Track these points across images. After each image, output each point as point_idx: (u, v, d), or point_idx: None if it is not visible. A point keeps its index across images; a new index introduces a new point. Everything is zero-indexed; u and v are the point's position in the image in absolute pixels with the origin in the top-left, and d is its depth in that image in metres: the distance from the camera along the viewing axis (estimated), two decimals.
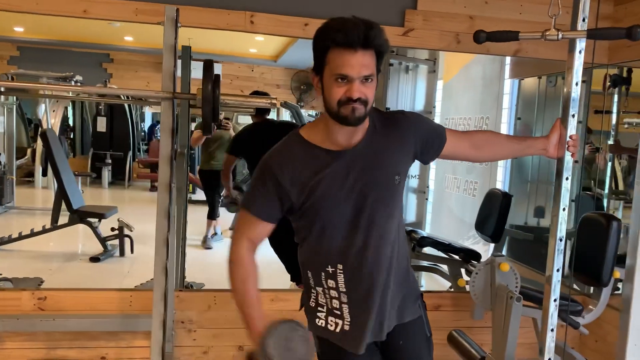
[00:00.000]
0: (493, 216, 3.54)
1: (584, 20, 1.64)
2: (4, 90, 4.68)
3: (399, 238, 1.59)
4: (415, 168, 4.51)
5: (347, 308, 1.55)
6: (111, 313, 2.73)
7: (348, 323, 1.56)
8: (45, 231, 5.20)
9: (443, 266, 3.81)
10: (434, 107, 5.29)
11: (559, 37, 1.59)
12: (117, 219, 5.31)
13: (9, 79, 6.79)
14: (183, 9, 2.37)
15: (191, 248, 3.07)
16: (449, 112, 5.41)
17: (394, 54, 4.56)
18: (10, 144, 7.75)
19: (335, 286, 1.54)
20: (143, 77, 9.64)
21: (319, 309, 1.60)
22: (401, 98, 5.03)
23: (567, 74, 1.69)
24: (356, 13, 1.42)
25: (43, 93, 6.37)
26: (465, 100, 5.24)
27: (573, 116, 1.68)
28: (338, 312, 1.57)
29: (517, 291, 2.41)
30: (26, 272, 4.44)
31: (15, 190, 7.61)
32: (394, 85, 4.95)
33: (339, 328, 1.57)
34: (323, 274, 1.55)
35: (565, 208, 1.69)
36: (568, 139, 1.68)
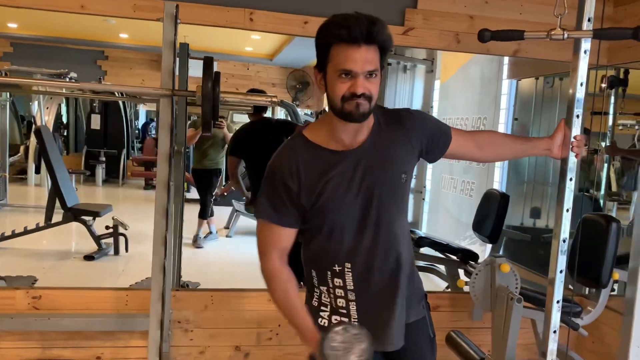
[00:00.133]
0: (491, 217, 3.53)
1: (590, 20, 1.63)
2: None
3: (406, 237, 1.58)
4: None
5: (355, 305, 1.54)
6: (107, 312, 2.70)
7: (355, 320, 1.55)
8: (39, 229, 5.15)
9: (440, 266, 3.81)
10: (432, 107, 5.30)
11: (565, 37, 1.58)
12: (112, 217, 5.28)
13: (2, 75, 6.72)
14: (182, 6, 2.34)
15: (183, 247, 3.06)
16: (446, 112, 5.40)
17: (392, 54, 4.56)
18: (3, 141, 7.68)
19: (342, 285, 1.53)
20: (138, 75, 9.60)
21: (322, 308, 1.59)
22: (399, 98, 5.03)
23: (572, 75, 1.67)
24: (356, 11, 1.40)
25: (37, 89, 6.31)
26: (462, 100, 5.23)
27: (577, 117, 1.67)
28: (344, 311, 1.55)
29: (517, 292, 2.40)
30: (19, 271, 4.40)
31: (8, 187, 7.56)
32: (392, 84, 4.95)
33: None
34: (329, 273, 1.54)
35: (569, 209, 1.68)
36: (572, 140, 1.67)
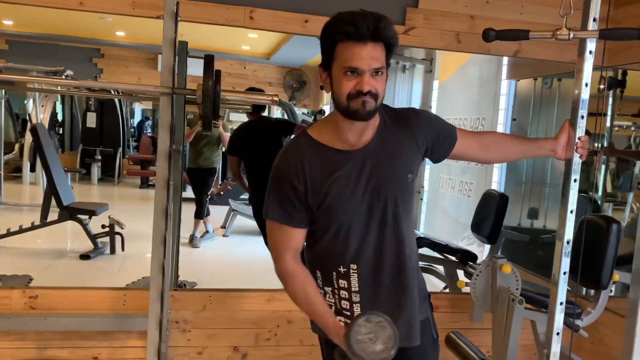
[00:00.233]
0: (490, 217, 3.52)
1: (595, 20, 1.62)
2: None
3: (412, 237, 1.57)
4: None
5: (359, 307, 1.52)
6: (104, 312, 2.68)
7: None
8: (34, 228, 5.11)
9: (439, 267, 3.80)
10: (430, 107, 5.29)
11: (571, 37, 1.57)
12: (108, 216, 5.25)
13: None
14: (182, 3, 2.30)
15: (180, 247, 3.04)
16: (445, 112, 5.40)
17: None
18: None
19: (347, 286, 1.52)
20: (134, 73, 9.56)
21: None
22: (397, 97, 5.02)
23: (577, 75, 1.66)
24: (357, 9, 1.39)
25: (32, 86, 6.26)
26: (461, 100, 5.23)
27: (582, 117, 1.66)
28: (348, 313, 1.54)
29: (518, 293, 2.39)
30: (15, 270, 4.37)
31: (2, 185, 7.52)
32: (391, 84, 4.93)
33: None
34: (334, 274, 1.52)
35: (573, 210, 1.67)
36: (577, 141, 1.66)
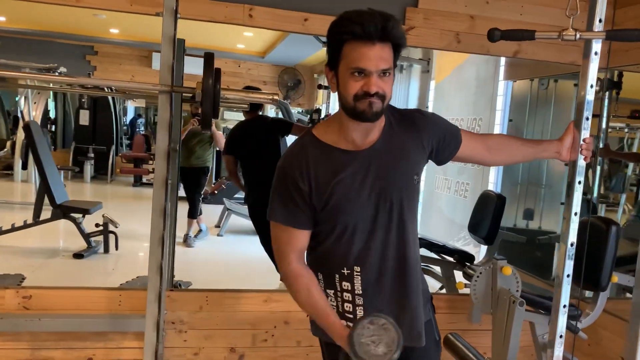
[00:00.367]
0: (487, 218, 3.51)
1: (601, 21, 1.61)
2: None
3: (416, 239, 1.55)
4: None
5: (363, 310, 1.50)
6: (99, 313, 2.64)
7: None
8: (27, 226, 5.05)
9: (435, 267, 3.78)
10: (427, 107, 5.28)
11: (577, 38, 1.56)
12: (102, 215, 5.20)
13: None
14: (180, 0, 2.28)
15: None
16: (441, 113, 5.34)
17: None
18: None
19: (350, 288, 1.49)
20: (127, 71, 9.50)
21: None
22: (394, 97, 4.98)
23: (582, 76, 1.66)
24: (358, 8, 1.36)
25: (25, 83, 6.19)
26: (457, 100, 5.22)
27: (587, 119, 1.65)
28: (350, 315, 1.52)
29: (519, 295, 2.38)
30: (6, 269, 4.32)
31: None
32: None
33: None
34: (337, 276, 1.50)
35: (577, 212, 1.66)
36: (581, 143, 1.65)
